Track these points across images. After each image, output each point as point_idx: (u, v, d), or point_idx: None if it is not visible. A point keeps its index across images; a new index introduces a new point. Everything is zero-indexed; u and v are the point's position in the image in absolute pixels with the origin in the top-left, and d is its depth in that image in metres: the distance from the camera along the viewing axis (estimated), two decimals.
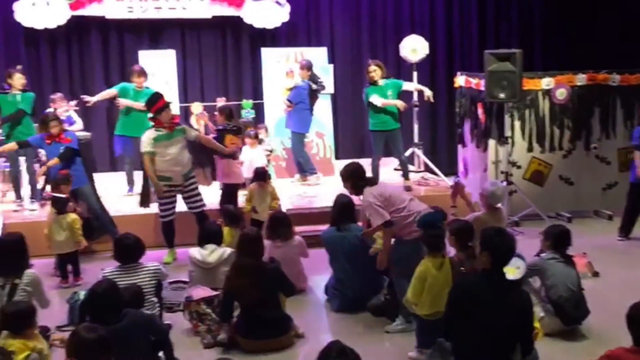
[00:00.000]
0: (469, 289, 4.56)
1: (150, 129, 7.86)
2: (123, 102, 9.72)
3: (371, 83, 9.49)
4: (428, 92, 9.81)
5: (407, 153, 10.55)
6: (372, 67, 9.48)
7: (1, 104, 9.04)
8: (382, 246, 6.46)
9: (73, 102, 10.16)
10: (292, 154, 10.60)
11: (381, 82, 9.46)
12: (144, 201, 8.30)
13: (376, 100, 9.34)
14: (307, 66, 10.35)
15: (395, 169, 10.47)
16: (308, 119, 10.40)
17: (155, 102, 7.83)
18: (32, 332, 4.85)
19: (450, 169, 11.65)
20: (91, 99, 9.86)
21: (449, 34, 12.94)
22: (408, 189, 9.63)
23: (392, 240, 5.96)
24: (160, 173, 7.79)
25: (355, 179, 6.21)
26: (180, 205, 8.13)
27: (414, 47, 10.93)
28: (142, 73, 9.82)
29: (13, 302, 5.29)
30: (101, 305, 4.74)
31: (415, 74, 10.97)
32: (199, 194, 8.06)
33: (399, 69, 11.81)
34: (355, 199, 6.68)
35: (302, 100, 10.25)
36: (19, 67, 9.33)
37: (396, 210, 5.90)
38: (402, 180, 9.84)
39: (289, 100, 10.30)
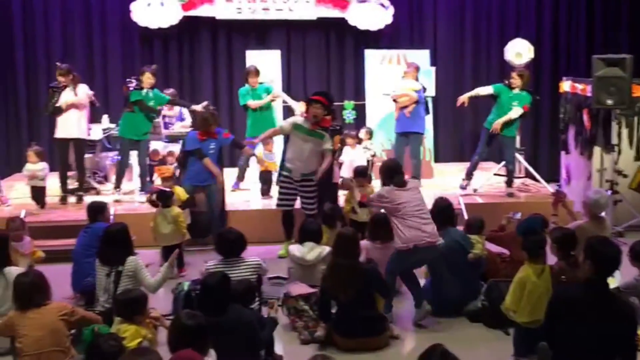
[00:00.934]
0: (570, 299, 4.47)
1: (302, 118, 8.00)
2: (255, 103, 9.95)
3: (507, 86, 9.50)
4: (498, 126, 9.46)
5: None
6: (514, 75, 9.54)
7: (143, 99, 9.43)
8: (481, 252, 6.48)
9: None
10: (410, 156, 10.37)
11: (517, 90, 9.43)
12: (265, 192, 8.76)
13: (486, 88, 9.48)
14: (418, 66, 10.38)
15: (496, 174, 10.37)
16: (425, 119, 10.39)
17: (325, 96, 8.02)
18: (143, 319, 5.08)
19: (552, 175, 11.44)
20: (252, 152, 9.65)
21: (555, 37, 12.68)
22: (510, 195, 9.54)
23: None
24: (285, 161, 8.00)
25: (383, 176, 6.50)
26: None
27: (518, 51, 10.81)
28: (258, 72, 10.04)
29: (126, 289, 5.54)
30: (212, 297, 4.93)
31: None
32: (312, 198, 8.02)
33: (502, 72, 11.66)
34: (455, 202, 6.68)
35: (423, 102, 10.26)
36: (153, 66, 9.68)
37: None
38: (504, 187, 9.75)
39: (418, 99, 10.18)
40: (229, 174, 10.09)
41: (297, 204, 8.15)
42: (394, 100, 10.22)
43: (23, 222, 7.21)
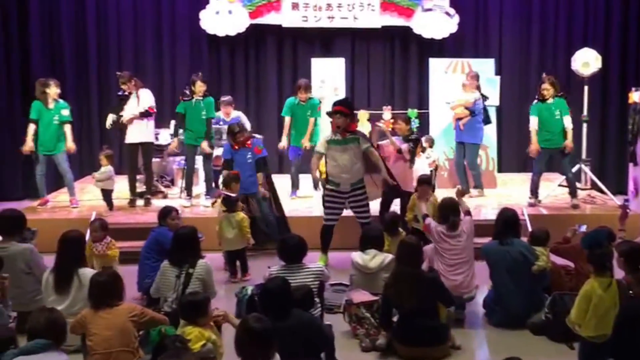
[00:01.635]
0: (638, 314, 4.43)
1: (328, 134, 8.12)
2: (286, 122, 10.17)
3: (540, 99, 9.34)
4: (569, 143, 9.39)
5: (574, 169, 10.27)
6: (546, 85, 9.37)
7: (187, 110, 9.69)
8: (546, 264, 6.42)
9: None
10: (468, 166, 10.46)
11: (551, 100, 9.30)
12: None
13: (532, 122, 9.36)
14: (478, 76, 10.35)
15: (560, 185, 10.24)
16: (482, 129, 10.35)
17: (343, 104, 8.05)
18: (207, 322, 5.16)
19: (619, 187, 11.25)
20: (282, 144, 10.31)
21: (624, 47, 12.44)
22: (575, 207, 9.40)
23: None
24: (330, 177, 8.05)
25: (439, 214, 6.92)
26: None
27: (586, 61, 10.62)
28: (308, 88, 10.14)
29: (191, 292, 5.64)
30: (273, 302, 4.98)
31: (586, 88, 10.66)
32: (365, 205, 8.09)
33: (569, 82, 11.52)
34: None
35: (480, 111, 10.24)
36: (201, 74, 9.91)
37: None
38: (569, 198, 9.62)
39: (470, 110, 10.21)
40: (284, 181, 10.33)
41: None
42: (452, 109, 10.30)
43: (103, 223, 7.39)
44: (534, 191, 9.67)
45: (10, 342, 4.75)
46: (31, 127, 9.38)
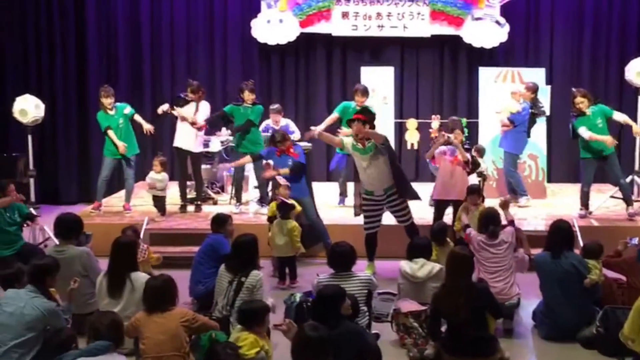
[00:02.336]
0: None
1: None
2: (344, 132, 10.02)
3: (578, 114, 9.24)
4: (636, 128, 9.32)
5: (627, 180, 10.12)
6: (579, 99, 9.23)
7: (234, 114, 9.84)
8: (598, 277, 6.35)
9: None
10: (504, 174, 10.53)
11: (589, 111, 9.20)
12: (358, 212, 8.63)
13: (584, 133, 9.13)
14: (533, 89, 10.26)
15: (612, 197, 10.08)
16: (524, 140, 10.29)
17: (363, 113, 8.06)
18: (263, 331, 5.24)
19: None
20: (315, 131, 10.20)
21: None
22: (632, 216, 9.26)
23: None
24: (364, 186, 8.09)
25: (480, 223, 7.01)
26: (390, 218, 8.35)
27: (639, 70, 10.47)
28: (365, 92, 10.05)
29: (250, 300, 5.70)
30: (327, 309, 5.03)
31: (639, 98, 10.50)
32: (404, 208, 8.09)
33: (622, 92, 11.36)
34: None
35: (522, 122, 10.17)
36: (250, 82, 10.02)
37: None
38: (625, 208, 9.48)
39: (510, 120, 10.18)
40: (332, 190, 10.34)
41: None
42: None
43: (136, 230, 7.54)
44: (585, 202, 9.55)
45: (71, 342, 4.91)
46: (111, 134, 9.69)
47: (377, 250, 8.28)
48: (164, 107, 9.84)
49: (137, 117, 9.98)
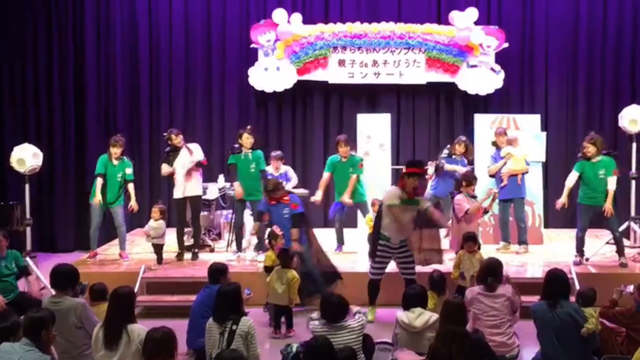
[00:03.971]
0: None
1: (397, 188, 8.09)
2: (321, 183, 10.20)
3: (584, 157, 9.32)
4: (608, 205, 9.17)
5: (623, 227, 10.13)
6: (586, 144, 9.31)
7: (238, 163, 9.90)
8: (595, 326, 6.33)
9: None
10: (518, 220, 10.41)
11: (596, 158, 9.26)
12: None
13: (570, 177, 9.40)
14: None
15: (608, 243, 10.09)
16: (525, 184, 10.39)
17: (417, 166, 8.08)
18: None
19: None
20: (317, 198, 10.27)
21: None
22: (623, 265, 9.27)
23: None
24: (382, 231, 8.08)
25: (479, 274, 7.00)
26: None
27: (633, 118, 10.54)
28: (348, 141, 10.12)
29: (230, 350, 5.58)
30: None
31: (634, 145, 10.56)
32: (412, 262, 8.14)
33: (616, 139, 11.44)
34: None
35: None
36: (248, 127, 10.12)
37: None
38: (616, 257, 9.49)
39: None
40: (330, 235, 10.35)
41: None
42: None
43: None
44: (580, 249, 9.55)
45: None
46: (99, 182, 9.67)
47: (387, 296, 8.26)
48: (166, 169, 9.87)
49: (130, 187, 9.83)
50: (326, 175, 10.25)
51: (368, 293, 8.26)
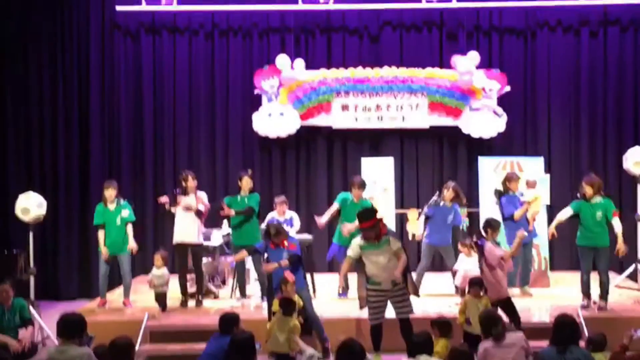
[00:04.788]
0: None
1: (359, 237, 8.16)
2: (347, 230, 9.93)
3: (583, 198, 9.29)
4: (620, 245, 9.20)
5: (630, 269, 10.07)
6: (584, 185, 9.29)
7: (232, 205, 9.88)
8: None
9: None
10: (527, 262, 10.40)
11: (595, 199, 9.22)
12: (363, 305, 8.54)
13: (564, 211, 9.38)
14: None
15: (617, 286, 10.01)
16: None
17: (366, 219, 8.09)
18: None
19: None
20: (321, 221, 10.24)
21: None
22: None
23: None
24: (371, 277, 8.07)
25: (482, 327, 6.73)
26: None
27: (637, 160, 10.55)
28: (362, 185, 10.10)
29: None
30: None
31: (639, 187, 10.56)
32: (406, 300, 8.11)
33: (620, 181, 11.43)
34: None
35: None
36: (249, 171, 10.16)
37: None
38: (627, 299, 9.37)
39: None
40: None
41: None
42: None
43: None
44: (586, 292, 9.43)
45: None
46: (100, 234, 9.68)
47: (391, 342, 8.15)
48: (164, 199, 9.90)
49: (129, 229, 9.79)
50: (336, 205, 10.17)
51: (371, 339, 8.19)
